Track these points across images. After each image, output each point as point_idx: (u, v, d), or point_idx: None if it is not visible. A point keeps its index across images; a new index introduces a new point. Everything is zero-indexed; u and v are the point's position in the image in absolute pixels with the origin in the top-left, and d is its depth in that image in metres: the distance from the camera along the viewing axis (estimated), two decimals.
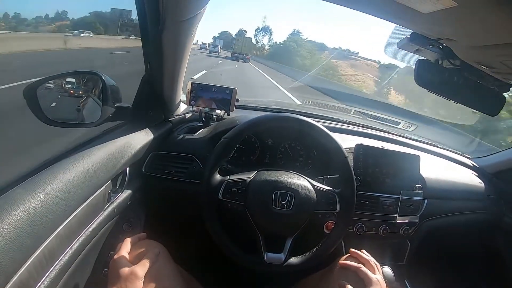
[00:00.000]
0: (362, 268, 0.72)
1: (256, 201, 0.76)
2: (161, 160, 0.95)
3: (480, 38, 0.51)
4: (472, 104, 0.70)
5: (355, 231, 0.95)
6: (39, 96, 0.69)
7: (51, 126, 0.71)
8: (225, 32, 49.06)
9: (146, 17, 0.76)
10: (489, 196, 1.17)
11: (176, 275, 0.69)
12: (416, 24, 0.56)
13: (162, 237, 0.74)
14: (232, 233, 0.77)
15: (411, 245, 1.05)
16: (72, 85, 0.88)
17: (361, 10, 0.59)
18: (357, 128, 1.27)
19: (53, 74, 0.74)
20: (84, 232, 0.63)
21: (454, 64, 0.64)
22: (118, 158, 0.73)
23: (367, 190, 0.95)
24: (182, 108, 1.14)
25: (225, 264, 0.90)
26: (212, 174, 0.76)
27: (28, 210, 0.46)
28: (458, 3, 0.39)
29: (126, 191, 0.81)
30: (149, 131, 0.89)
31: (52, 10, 6.67)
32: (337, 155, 0.78)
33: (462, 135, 2.10)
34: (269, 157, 1.07)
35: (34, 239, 0.47)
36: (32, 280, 0.47)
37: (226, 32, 48.89)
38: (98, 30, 6.94)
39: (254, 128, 0.82)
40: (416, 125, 1.41)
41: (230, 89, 1.05)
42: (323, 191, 0.78)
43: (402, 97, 9.51)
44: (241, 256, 0.76)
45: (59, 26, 6.26)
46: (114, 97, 0.78)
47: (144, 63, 0.87)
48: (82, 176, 0.59)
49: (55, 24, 6.29)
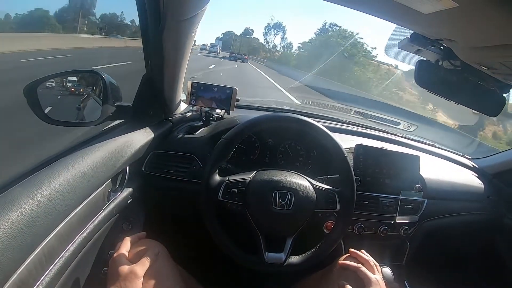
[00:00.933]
0: (362, 268, 0.72)
1: (255, 201, 0.76)
2: (161, 159, 0.95)
3: (480, 39, 0.51)
4: (472, 105, 0.70)
5: (354, 231, 0.95)
6: (40, 94, 0.69)
7: (52, 125, 0.71)
8: (229, 32, 44.58)
9: (147, 16, 0.76)
10: (489, 197, 1.17)
11: (175, 274, 0.69)
12: (416, 24, 0.56)
13: (161, 236, 0.74)
14: (232, 233, 0.77)
15: (411, 246, 1.05)
16: (73, 83, 0.88)
17: (361, 10, 0.59)
18: (357, 128, 1.27)
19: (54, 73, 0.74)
20: (84, 231, 0.63)
21: (455, 64, 0.64)
22: (118, 157, 0.73)
23: (367, 190, 0.95)
24: (182, 108, 1.14)
25: (225, 264, 0.90)
26: (211, 174, 0.76)
27: (28, 209, 0.46)
28: (459, 4, 0.39)
29: (126, 190, 0.81)
30: (149, 130, 0.89)
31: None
32: (337, 155, 0.78)
33: (462, 135, 2.10)
34: (269, 156, 1.07)
35: (34, 237, 0.47)
36: (32, 278, 0.47)
37: (230, 32, 44.83)
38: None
39: (254, 127, 0.82)
40: (416, 126, 1.41)
41: (230, 89, 1.05)
42: (323, 191, 0.78)
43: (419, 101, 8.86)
44: (241, 256, 0.76)
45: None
46: (114, 96, 0.78)
47: (145, 62, 0.87)
48: (82, 174, 0.59)
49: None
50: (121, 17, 7.83)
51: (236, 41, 26.79)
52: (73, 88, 0.87)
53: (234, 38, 28.11)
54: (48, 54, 4.73)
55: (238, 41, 26.59)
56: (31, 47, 4.84)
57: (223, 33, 44.82)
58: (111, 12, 7.61)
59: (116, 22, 7.44)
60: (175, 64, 0.86)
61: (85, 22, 7.07)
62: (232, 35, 35.05)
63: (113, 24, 7.26)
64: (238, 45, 25.99)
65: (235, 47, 25.91)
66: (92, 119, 0.77)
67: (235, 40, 27.04)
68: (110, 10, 9.62)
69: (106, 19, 6.88)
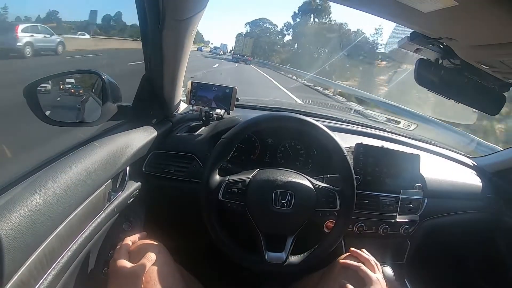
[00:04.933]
0: (362, 267, 0.72)
1: (256, 201, 0.76)
2: (161, 159, 0.95)
3: (480, 38, 0.51)
4: (472, 104, 0.70)
5: (355, 230, 0.95)
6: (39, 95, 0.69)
7: (51, 126, 0.71)
8: (240, 34, 43.37)
9: (146, 16, 0.76)
10: (489, 196, 1.17)
11: (176, 275, 0.69)
12: (416, 23, 0.56)
13: (162, 236, 0.74)
14: (232, 232, 0.77)
15: (411, 244, 1.05)
16: (72, 84, 0.88)
17: (361, 9, 0.58)
18: (357, 127, 1.27)
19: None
20: (84, 231, 0.63)
21: (455, 63, 0.64)
22: (118, 157, 0.73)
23: (367, 189, 0.95)
24: (182, 107, 1.14)
25: (225, 263, 0.90)
26: (212, 174, 0.76)
27: (28, 210, 0.46)
28: (459, 3, 0.39)
29: (126, 190, 0.81)
30: (149, 130, 0.89)
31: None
32: (337, 154, 0.78)
33: (462, 134, 2.10)
34: (269, 156, 1.07)
35: (34, 238, 0.47)
36: (33, 279, 0.48)
37: (240, 34, 43.21)
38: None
39: (254, 127, 0.81)
40: (417, 124, 1.42)
41: (230, 88, 1.05)
42: (323, 190, 0.78)
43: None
44: (241, 256, 0.76)
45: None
46: (114, 96, 0.78)
47: (144, 62, 0.87)
48: (82, 175, 0.59)
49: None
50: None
51: (239, 41, 26.46)
52: (73, 89, 0.87)
53: (237, 38, 27.70)
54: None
55: (241, 42, 26.25)
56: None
57: (238, 33, 42.48)
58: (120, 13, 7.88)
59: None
60: (175, 64, 0.86)
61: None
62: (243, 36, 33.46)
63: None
64: (241, 46, 25.71)
65: (238, 48, 25.65)
66: (92, 120, 0.77)
67: (237, 41, 26.70)
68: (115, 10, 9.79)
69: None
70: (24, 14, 4.55)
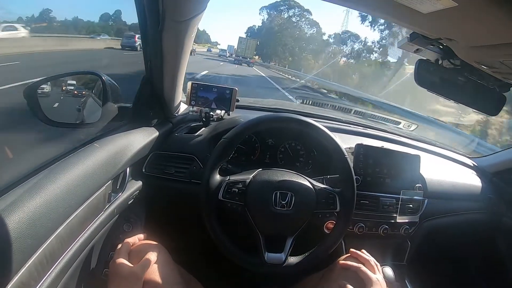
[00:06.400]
0: (363, 268, 0.72)
1: (256, 201, 0.76)
2: (161, 160, 0.95)
3: (480, 38, 0.51)
4: (472, 104, 0.70)
5: (355, 231, 0.95)
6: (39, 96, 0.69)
7: (52, 127, 0.71)
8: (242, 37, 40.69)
9: (146, 17, 0.76)
10: (489, 196, 1.17)
11: (176, 275, 0.69)
12: (416, 24, 0.56)
13: (162, 237, 0.74)
14: (232, 233, 0.77)
15: (412, 245, 1.05)
16: (75, 86, 0.88)
17: (360, 9, 0.59)
18: (357, 128, 1.27)
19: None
20: (85, 232, 0.63)
21: (454, 64, 0.64)
22: (119, 158, 0.73)
23: (367, 190, 0.95)
24: (182, 108, 1.14)
25: (225, 264, 0.90)
26: (212, 174, 0.76)
27: (29, 211, 0.46)
28: (458, 3, 0.39)
29: (126, 191, 0.81)
30: (149, 131, 0.89)
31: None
32: (337, 155, 0.78)
33: (462, 134, 2.10)
34: (269, 157, 1.07)
35: (35, 239, 0.47)
36: (33, 280, 0.48)
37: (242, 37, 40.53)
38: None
39: (255, 128, 0.81)
40: (417, 125, 1.41)
41: (230, 89, 1.05)
42: (323, 191, 0.78)
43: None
44: (241, 257, 0.76)
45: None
46: (114, 97, 0.78)
47: (144, 63, 0.87)
48: (83, 176, 0.59)
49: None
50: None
51: (241, 43, 26.20)
52: (76, 91, 0.87)
53: (240, 40, 27.31)
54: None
55: (243, 43, 26.01)
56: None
57: (245, 33, 40.94)
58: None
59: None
60: (175, 65, 0.86)
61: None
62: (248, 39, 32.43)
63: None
64: (243, 47, 25.49)
65: (240, 49, 25.46)
66: (92, 121, 0.77)
67: (240, 43, 26.42)
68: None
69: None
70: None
